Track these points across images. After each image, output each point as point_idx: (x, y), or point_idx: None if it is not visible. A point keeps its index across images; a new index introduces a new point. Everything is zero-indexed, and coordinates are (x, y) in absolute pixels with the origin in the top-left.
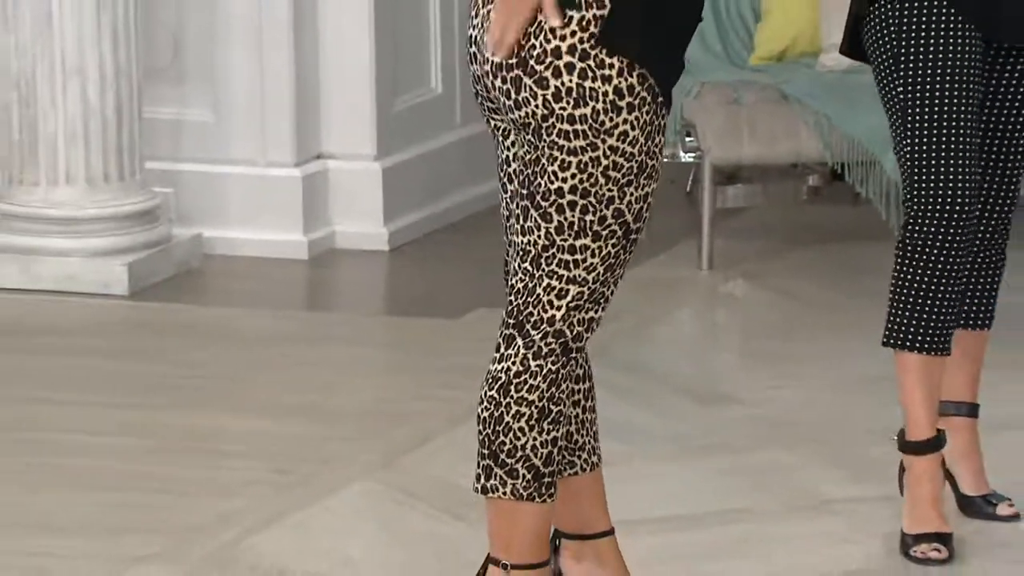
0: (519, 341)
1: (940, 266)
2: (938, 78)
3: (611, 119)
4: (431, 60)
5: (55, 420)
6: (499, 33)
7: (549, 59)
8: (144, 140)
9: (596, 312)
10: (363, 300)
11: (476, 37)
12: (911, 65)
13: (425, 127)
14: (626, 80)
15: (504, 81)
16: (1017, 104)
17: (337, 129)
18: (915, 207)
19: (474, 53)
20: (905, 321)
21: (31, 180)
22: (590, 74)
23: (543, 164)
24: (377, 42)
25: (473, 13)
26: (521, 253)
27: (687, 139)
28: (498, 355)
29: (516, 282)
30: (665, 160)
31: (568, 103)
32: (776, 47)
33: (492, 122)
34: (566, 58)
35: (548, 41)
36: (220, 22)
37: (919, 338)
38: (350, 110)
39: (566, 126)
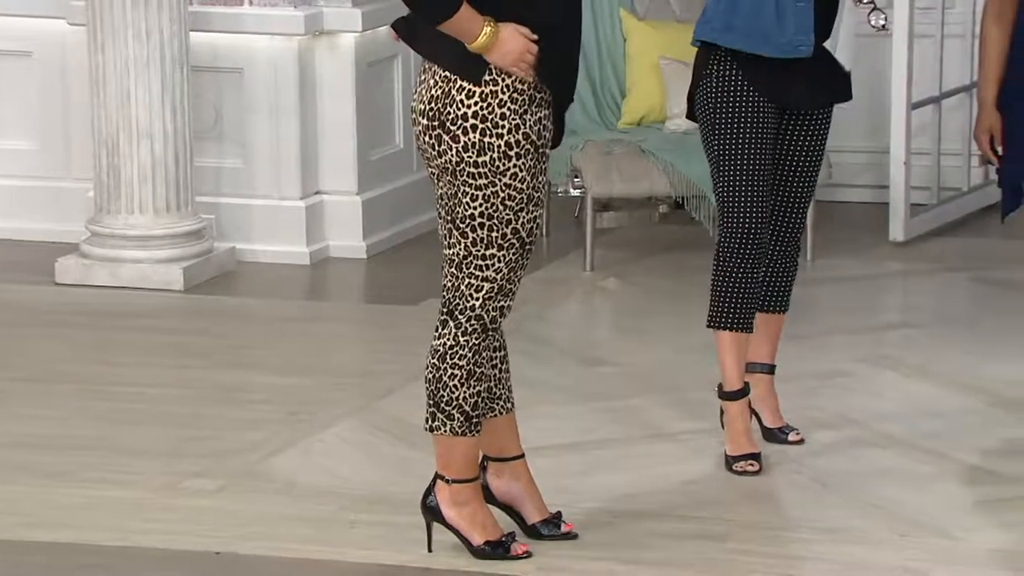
0: (451, 323)
1: (740, 271)
2: (740, 141)
3: (504, 164)
4: (395, 125)
5: (131, 376)
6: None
7: (460, 122)
8: (194, 181)
9: (505, 301)
10: (348, 293)
11: (416, 107)
12: (721, 131)
13: (391, 172)
14: (513, 136)
15: (430, 137)
16: (802, 154)
17: (330, 173)
18: (724, 230)
19: (415, 119)
20: (719, 309)
21: (115, 209)
22: (487, 133)
23: (459, 196)
24: (358, 113)
25: (415, 90)
26: (448, 261)
27: (575, 179)
28: (436, 333)
29: (446, 281)
30: (560, 194)
31: (473, 153)
32: (636, 116)
33: (429, 168)
34: (471, 121)
35: (458, 109)
36: (247, 98)
37: (729, 320)
38: (339, 160)
39: (473, 169)
